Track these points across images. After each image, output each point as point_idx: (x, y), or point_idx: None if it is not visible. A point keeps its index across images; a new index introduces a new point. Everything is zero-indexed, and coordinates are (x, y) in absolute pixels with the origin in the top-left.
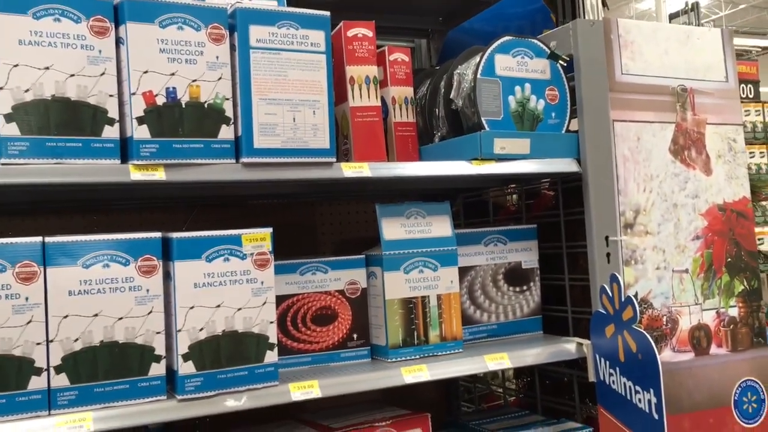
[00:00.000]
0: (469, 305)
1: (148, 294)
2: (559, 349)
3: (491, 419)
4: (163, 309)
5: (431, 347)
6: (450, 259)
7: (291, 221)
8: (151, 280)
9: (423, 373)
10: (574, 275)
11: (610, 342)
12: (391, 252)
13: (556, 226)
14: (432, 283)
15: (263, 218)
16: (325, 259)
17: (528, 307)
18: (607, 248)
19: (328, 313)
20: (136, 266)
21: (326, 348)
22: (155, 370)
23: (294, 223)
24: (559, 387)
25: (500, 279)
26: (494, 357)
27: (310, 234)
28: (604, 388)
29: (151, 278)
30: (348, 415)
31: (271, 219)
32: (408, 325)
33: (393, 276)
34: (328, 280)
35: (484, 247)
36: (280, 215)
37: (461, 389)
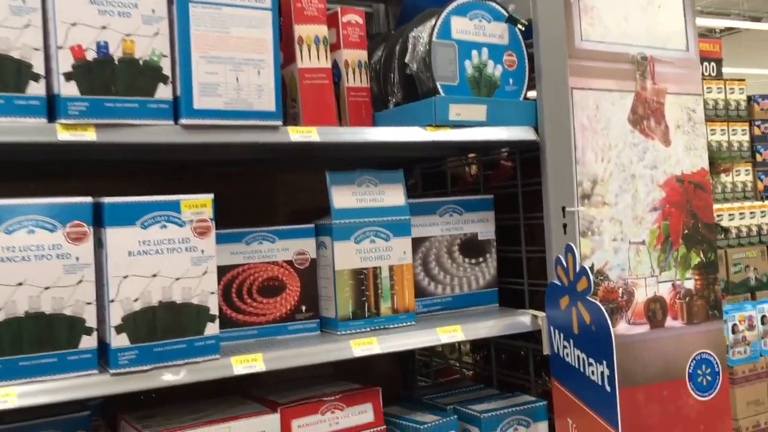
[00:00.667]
0: (423, 277)
1: (77, 262)
2: (514, 322)
3: (446, 393)
4: (95, 278)
5: (382, 320)
6: (403, 228)
7: (246, 191)
8: (81, 247)
9: (373, 347)
10: (531, 247)
11: (564, 314)
12: (341, 221)
13: (513, 197)
14: (384, 253)
15: (216, 188)
16: (273, 228)
17: (484, 280)
18: (563, 219)
19: (276, 285)
20: (64, 233)
21: (273, 320)
22: (86, 342)
23: (250, 192)
24: (516, 360)
25: (456, 250)
26: (447, 330)
27: (267, 204)
28: (558, 361)
29: (80, 246)
30: (297, 389)
31: (224, 189)
32: (358, 296)
33: (343, 246)
34: (276, 250)
35: (440, 218)
36: (234, 185)
37: (418, 363)
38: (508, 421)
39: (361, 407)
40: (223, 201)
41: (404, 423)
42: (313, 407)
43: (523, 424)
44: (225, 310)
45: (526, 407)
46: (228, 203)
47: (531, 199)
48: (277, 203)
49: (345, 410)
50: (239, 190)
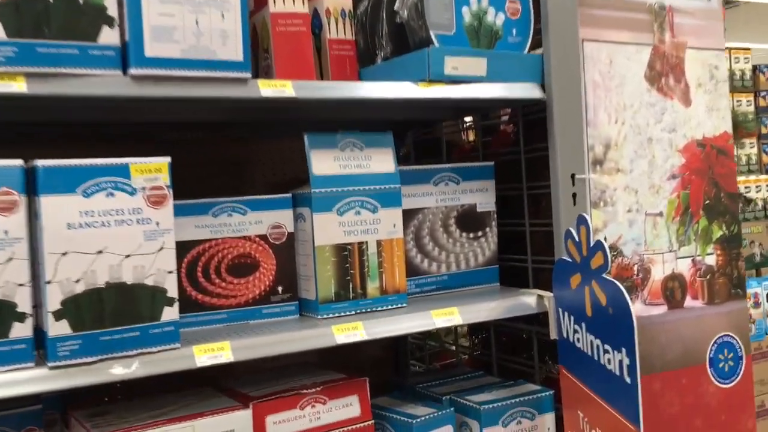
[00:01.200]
0: (416, 253)
1: (6, 237)
2: (517, 303)
3: (441, 381)
4: (28, 256)
5: (369, 301)
6: (392, 198)
7: (219, 160)
8: (11, 219)
9: (358, 332)
10: (536, 220)
11: (575, 294)
12: (322, 190)
13: (516, 164)
14: (371, 226)
15: (182, 157)
16: (244, 198)
17: (483, 256)
18: (573, 188)
19: (248, 262)
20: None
21: (245, 303)
22: (18, 331)
23: (223, 162)
24: (518, 345)
25: (452, 223)
26: (442, 312)
27: (243, 175)
28: (566, 347)
29: (10, 217)
30: (275, 380)
31: (193, 157)
32: (342, 275)
33: (324, 218)
34: (248, 224)
35: (434, 187)
36: (204, 153)
37: (411, 346)
38: (511, 414)
39: (345, 400)
40: (190, 171)
41: (395, 417)
42: (291, 401)
43: (527, 416)
44: (189, 292)
45: (530, 398)
46: (196, 173)
47: (536, 166)
48: (255, 175)
49: (327, 404)
50: (210, 160)
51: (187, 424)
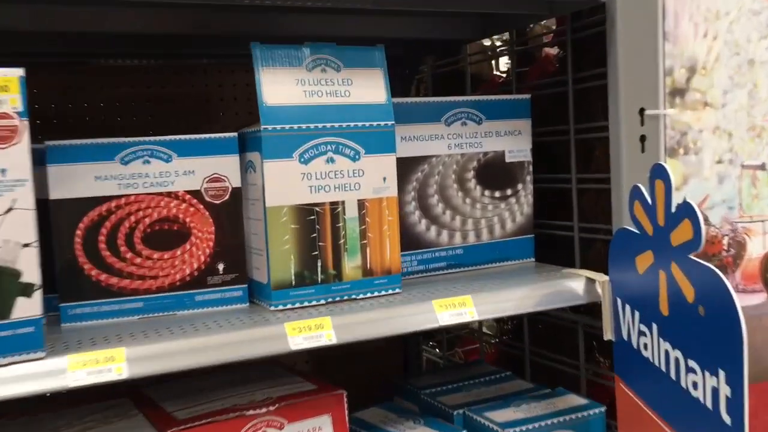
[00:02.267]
0: (419, 218)
1: None
2: (558, 290)
3: (454, 385)
4: None
5: (346, 286)
6: (382, 141)
7: (170, 93)
8: None
9: (323, 334)
10: (586, 174)
11: (643, 281)
12: (277, 127)
13: (560, 100)
14: (350, 180)
15: (124, 87)
16: (166, 138)
17: (513, 223)
18: (641, 128)
19: (174, 229)
20: None
21: (170, 286)
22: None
23: (176, 95)
24: (558, 335)
25: (470, 178)
26: (449, 303)
27: (200, 111)
28: (627, 353)
29: None
30: (218, 390)
31: (136, 88)
32: (306, 250)
33: (280, 168)
34: (173, 174)
35: (446, 128)
36: (150, 84)
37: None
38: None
39: (312, 423)
40: (130, 105)
41: None
42: (230, 427)
43: None
44: (88, 271)
45: (573, 417)
46: (139, 108)
47: (588, 101)
48: (212, 111)
49: (285, 428)
50: (160, 93)
51: None
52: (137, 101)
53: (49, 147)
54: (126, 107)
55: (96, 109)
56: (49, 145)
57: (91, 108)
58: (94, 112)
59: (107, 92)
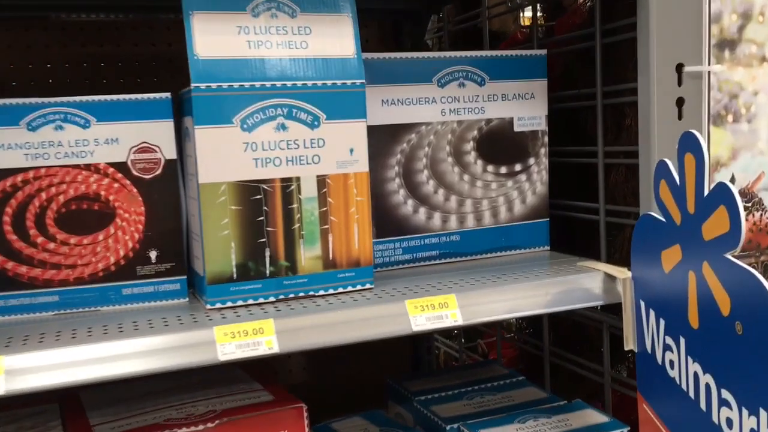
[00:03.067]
0: (405, 198)
1: None
2: (568, 289)
3: (456, 391)
4: None
5: (301, 280)
6: (350, 104)
7: (145, 52)
8: None
9: (262, 340)
10: (614, 146)
11: (670, 281)
12: (212, 85)
13: (587, 58)
14: (306, 152)
15: (91, 45)
16: (83, 99)
17: (523, 204)
18: (678, 88)
19: (95, 209)
20: None
21: (92, 277)
22: None
23: (153, 54)
24: (583, 333)
25: (469, 150)
26: (427, 303)
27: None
28: (650, 368)
29: None
30: (157, 400)
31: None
32: (252, 237)
33: (216, 135)
34: (93, 144)
35: (439, 90)
36: (120, 41)
37: None
38: None
39: None
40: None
41: None
42: None
43: None
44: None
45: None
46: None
47: (620, 58)
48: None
49: None
50: (132, 52)
51: None
52: (107, 61)
53: None
54: (94, 68)
55: (60, 70)
56: None
57: (53, 69)
58: (56, 73)
59: (72, 50)
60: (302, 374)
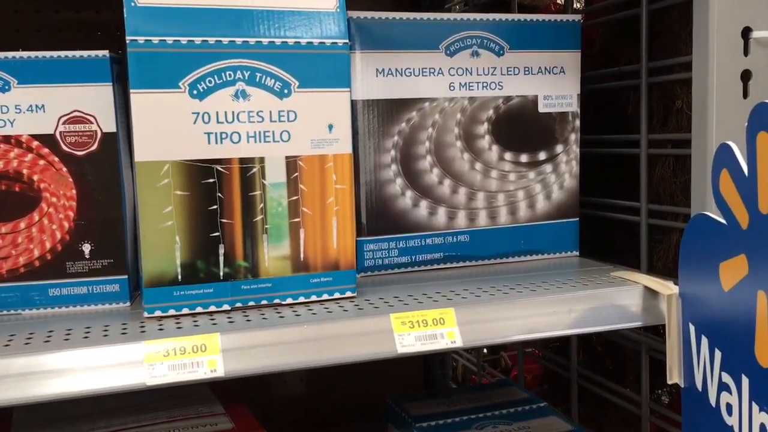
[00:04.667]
0: (403, 188)
1: None
2: (597, 306)
3: (463, 418)
4: None
5: (264, 285)
6: (330, 69)
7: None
8: None
9: (204, 359)
10: (662, 134)
11: (732, 302)
12: (153, 39)
13: (630, 29)
14: (273, 127)
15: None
16: (2, 55)
17: (548, 200)
18: (745, 58)
19: (16, 191)
20: None
21: (11, 274)
22: None
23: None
24: (616, 354)
25: (482, 134)
26: (418, 319)
27: None
28: (701, 411)
29: None
30: (96, 422)
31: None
32: (202, 229)
33: (156, 102)
34: (12, 110)
35: (447, 59)
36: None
37: None
38: None
39: None
40: None
41: None
42: None
43: None
44: None
45: None
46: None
47: (667, 30)
48: None
49: None
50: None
51: None
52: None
53: None
54: None
55: None
56: None
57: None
58: None
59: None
60: (299, 386)
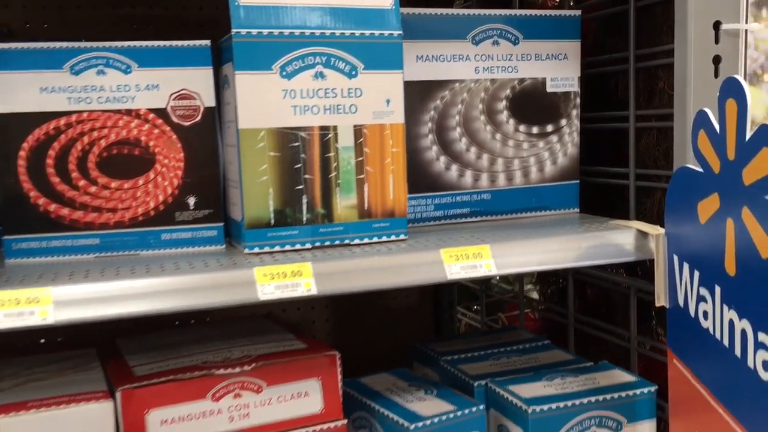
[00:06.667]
0: (437, 155)
1: None
2: (600, 243)
3: (482, 353)
4: None
5: (337, 228)
6: (387, 55)
7: (164, 15)
8: None
9: (301, 282)
10: (647, 110)
11: (705, 232)
12: (254, 31)
13: (617, 22)
14: (344, 101)
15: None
16: (126, 44)
17: (554, 165)
18: (715, 46)
19: (136, 154)
20: None
21: (132, 221)
22: None
23: (176, 17)
24: (608, 301)
25: (502, 109)
26: (462, 253)
27: None
28: (682, 322)
29: None
30: (194, 345)
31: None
32: (289, 184)
33: (255, 82)
34: (134, 89)
35: (473, 47)
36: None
37: (468, 292)
38: (581, 420)
39: (297, 386)
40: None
41: (386, 413)
42: (195, 387)
43: (608, 425)
44: (33, 200)
45: (617, 396)
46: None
47: (653, 22)
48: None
49: (264, 392)
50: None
51: None
52: (123, 23)
53: None
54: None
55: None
56: None
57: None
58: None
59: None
60: (325, 339)
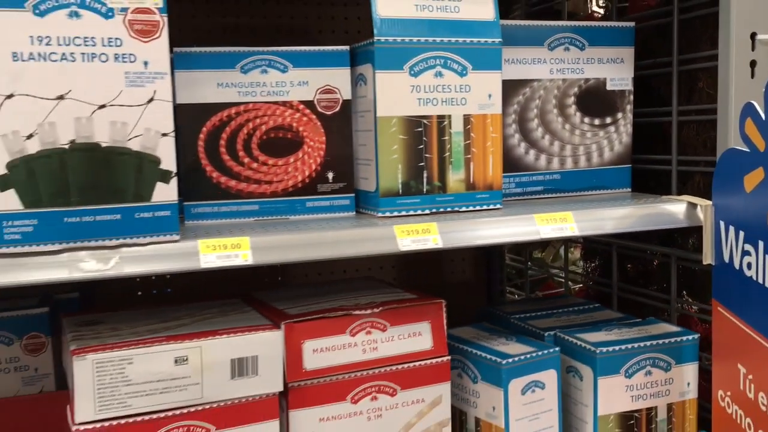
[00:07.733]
0: (519, 141)
1: None
2: (658, 212)
3: (544, 312)
4: None
5: (450, 198)
6: (489, 58)
7: (268, 24)
8: None
9: (430, 237)
10: (688, 106)
11: (751, 200)
12: (390, 38)
13: (662, 32)
14: (457, 95)
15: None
16: (283, 49)
17: (611, 151)
18: (751, 53)
19: (288, 137)
20: None
21: (283, 192)
22: None
23: (278, 25)
24: (646, 274)
25: (570, 104)
26: (550, 217)
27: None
28: (726, 275)
29: None
30: (322, 296)
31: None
32: (413, 161)
33: (391, 78)
34: (289, 85)
35: (549, 52)
36: (254, 14)
37: (510, 271)
38: (638, 361)
39: (412, 327)
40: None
41: (479, 354)
42: (338, 324)
43: (660, 365)
44: (209, 173)
45: (666, 341)
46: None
47: (693, 30)
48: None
49: (388, 330)
50: (255, 24)
51: (193, 344)
52: (232, 32)
53: (177, 53)
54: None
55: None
56: (177, 51)
57: (208, 37)
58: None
59: (214, 21)
60: None
